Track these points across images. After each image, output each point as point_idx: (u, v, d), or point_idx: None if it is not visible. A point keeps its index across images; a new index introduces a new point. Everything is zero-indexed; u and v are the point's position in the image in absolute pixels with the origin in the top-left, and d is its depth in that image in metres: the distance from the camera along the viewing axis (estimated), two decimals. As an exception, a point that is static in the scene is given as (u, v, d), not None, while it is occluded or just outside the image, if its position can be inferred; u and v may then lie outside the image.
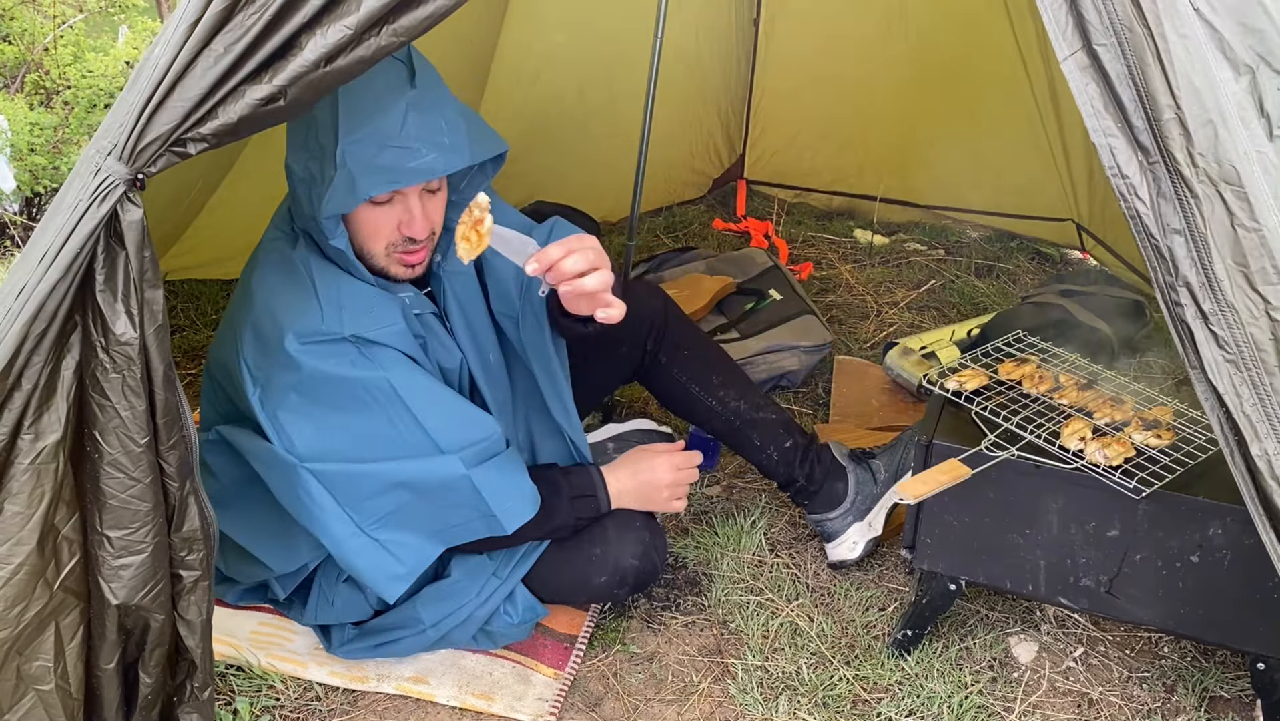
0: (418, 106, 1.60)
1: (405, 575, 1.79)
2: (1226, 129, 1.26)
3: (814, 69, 3.81)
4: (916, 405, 2.82)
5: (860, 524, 2.21)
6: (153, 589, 1.45)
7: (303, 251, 1.76)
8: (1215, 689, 1.98)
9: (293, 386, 1.70)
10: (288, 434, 1.71)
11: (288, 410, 1.71)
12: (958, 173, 3.81)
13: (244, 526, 1.87)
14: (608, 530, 1.97)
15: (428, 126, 1.61)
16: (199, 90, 1.27)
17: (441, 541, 1.82)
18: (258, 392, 1.71)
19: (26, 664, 1.42)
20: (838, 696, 1.93)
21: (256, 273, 1.76)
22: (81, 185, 1.30)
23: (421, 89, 1.62)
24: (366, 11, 1.27)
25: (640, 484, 1.99)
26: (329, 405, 1.71)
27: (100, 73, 4.00)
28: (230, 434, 1.81)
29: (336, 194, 1.60)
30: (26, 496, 1.35)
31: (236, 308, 1.78)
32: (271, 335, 1.69)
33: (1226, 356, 1.30)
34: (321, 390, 1.70)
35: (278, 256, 1.76)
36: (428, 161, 1.61)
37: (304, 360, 1.67)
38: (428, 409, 1.73)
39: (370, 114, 1.58)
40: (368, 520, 1.74)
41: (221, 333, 1.83)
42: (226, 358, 1.77)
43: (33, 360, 1.32)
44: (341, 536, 1.74)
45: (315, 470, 1.71)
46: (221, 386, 1.85)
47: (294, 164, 1.68)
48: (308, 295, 1.70)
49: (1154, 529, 1.77)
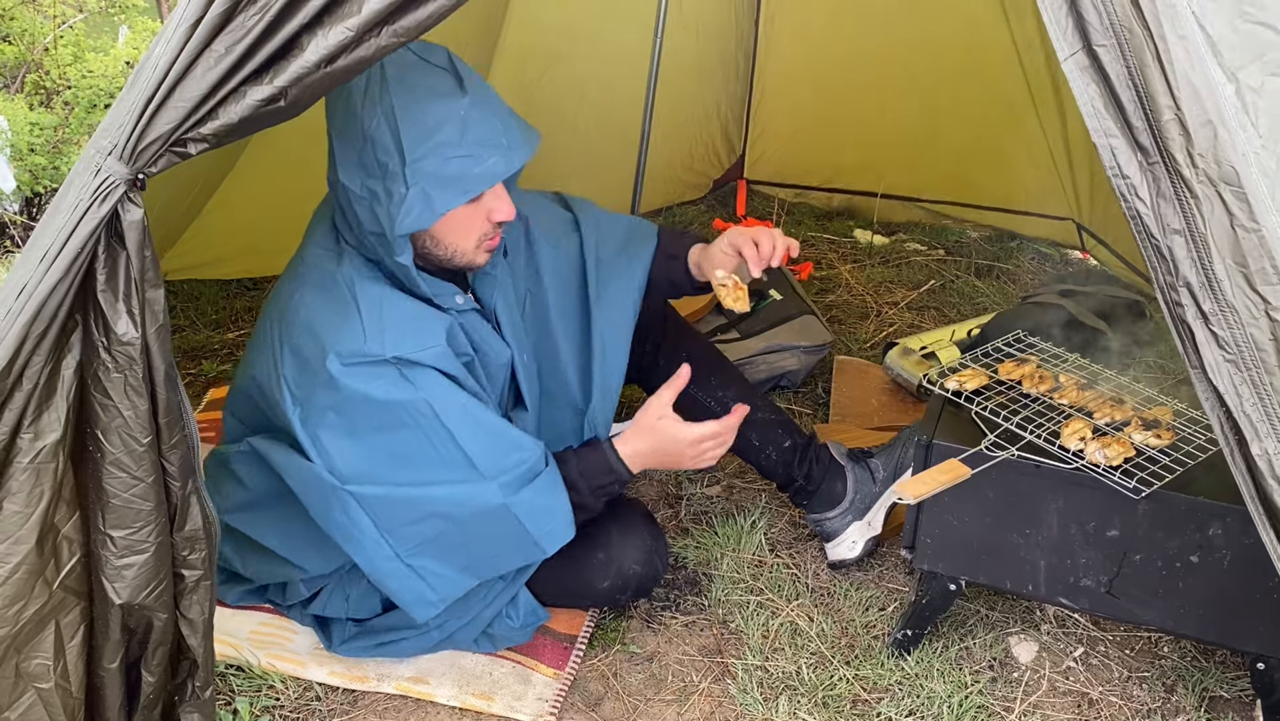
0: (473, 112, 1.63)
1: (437, 602, 1.79)
2: (1226, 130, 1.26)
3: (814, 69, 3.81)
4: (916, 405, 2.83)
5: (860, 523, 2.21)
6: (155, 588, 1.46)
7: (347, 270, 1.74)
8: (1215, 689, 1.98)
9: (332, 407, 1.69)
10: (328, 453, 1.70)
11: (328, 429, 1.70)
12: (958, 171, 3.82)
13: (275, 531, 1.88)
14: (611, 535, 1.97)
15: (486, 130, 1.64)
16: (200, 90, 1.27)
17: (475, 575, 1.81)
18: (298, 412, 1.70)
19: (25, 662, 1.42)
20: (838, 696, 1.93)
21: (298, 292, 1.74)
22: (82, 185, 1.30)
23: (472, 94, 1.64)
24: (368, 12, 1.27)
25: (661, 453, 1.89)
26: (369, 426, 1.70)
27: (100, 73, 4.00)
28: (264, 447, 1.80)
29: (411, 212, 1.62)
30: (25, 495, 1.36)
31: (272, 324, 1.77)
32: (313, 355, 1.69)
33: (1227, 356, 1.31)
34: (362, 411, 1.69)
35: (321, 275, 1.74)
36: (492, 165, 1.65)
37: (345, 381, 1.66)
38: (467, 432, 1.72)
39: (430, 128, 1.60)
40: (404, 546, 1.74)
41: (256, 349, 1.80)
42: (262, 375, 1.76)
43: (33, 360, 1.32)
44: (377, 560, 1.74)
45: (355, 492, 1.70)
46: (254, 401, 1.84)
47: (349, 183, 1.66)
48: (351, 316, 1.70)
49: (1154, 529, 1.77)
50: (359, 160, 1.64)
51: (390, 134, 1.60)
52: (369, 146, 1.62)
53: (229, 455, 1.88)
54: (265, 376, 1.75)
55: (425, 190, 1.61)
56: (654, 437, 1.87)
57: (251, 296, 3.28)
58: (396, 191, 1.62)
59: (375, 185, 1.64)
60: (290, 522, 1.85)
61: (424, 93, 1.60)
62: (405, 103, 1.59)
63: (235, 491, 1.89)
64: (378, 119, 1.60)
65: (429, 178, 1.61)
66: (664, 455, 1.89)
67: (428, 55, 1.67)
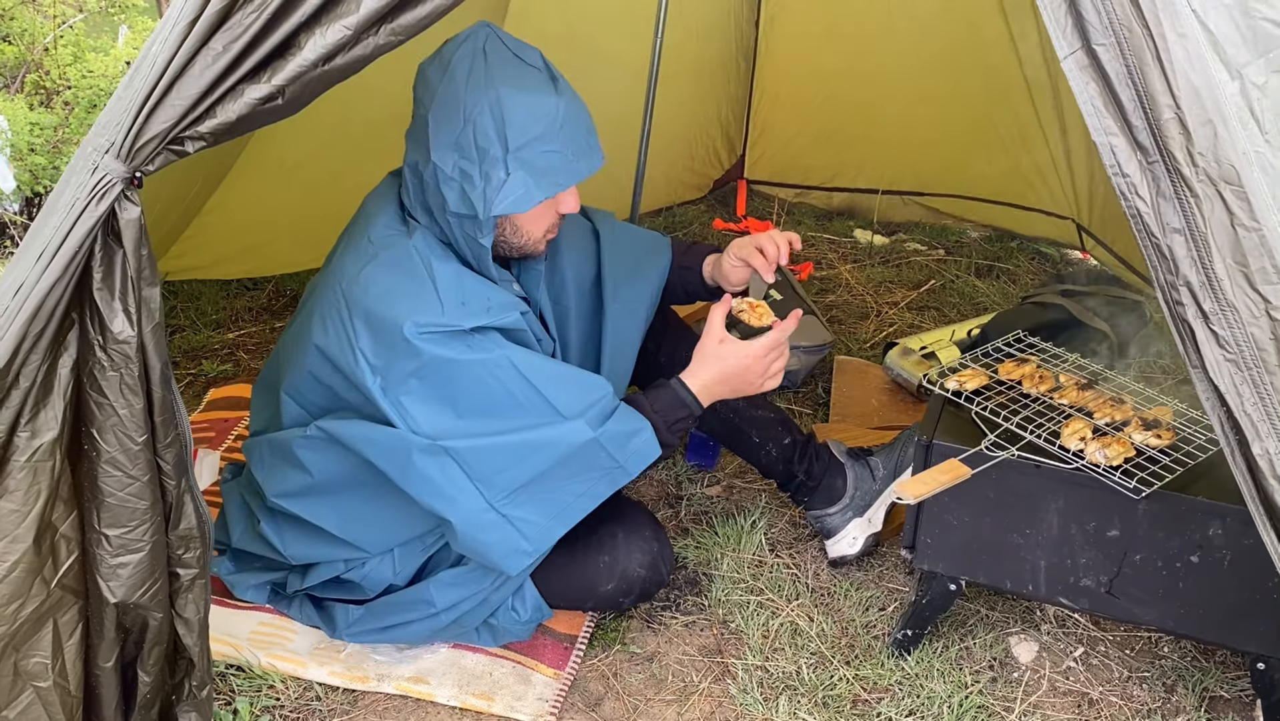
0: (567, 112, 1.73)
1: (530, 552, 1.82)
2: (1226, 128, 1.26)
3: (814, 69, 3.81)
4: (916, 405, 2.82)
5: (860, 519, 2.22)
6: (150, 587, 1.45)
7: (421, 246, 1.79)
8: (1215, 689, 1.98)
9: (413, 374, 1.74)
10: (414, 417, 1.74)
11: (409, 395, 1.74)
12: (958, 170, 3.82)
13: (336, 514, 1.90)
14: (616, 538, 1.97)
15: (575, 130, 1.75)
16: (197, 89, 1.27)
17: (564, 521, 1.84)
18: (378, 381, 1.74)
19: (24, 660, 1.42)
20: (838, 696, 1.93)
21: (368, 268, 1.78)
22: (79, 183, 1.30)
23: (563, 95, 1.74)
24: (366, 11, 1.27)
25: (727, 377, 1.90)
26: (452, 387, 1.75)
27: (100, 73, 4.00)
28: (334, 427, 1.82)
29: (509, 197, 1.71)
30: (23, 494, 1.35)
31: (338, 300, 1.80)
32: (390, 326, 1.73)
33: (1227, 355, 1.30)
34: (443, 373, 1.74)
35: (394, 253, 1.79)
36: (580, 164, 1.76)
37: (424, 346, 1.72)
38: (547, 380, 1.78)
39: (529, 121, 1.70)
40: (498, 495, 1.77)
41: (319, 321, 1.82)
42: (334, 350, 1.79)
43: (30, 358, 1.32)
44: (473, 511, 1.77)
45: (448, 446, 1.74)
46: (317, 379, 1.85)
47: (441, 162, 1.72)
48: (427, 289, 1.75)
49: (1154, 529, 1.76)
50: (455, 142, 1.71)
51: (494, 121, 1.68)
52: (469, 129, 1.69)
53: (290, 440, 1.88)
54: (338, 351, 1.78)
55: (528, 179, 1.71)
56: (720, 364, 1.90)
57: (251, 296, 3.28)
58: (495, 175, 1.70)
59: (470, 168, 1.71)
60: (355, 505, 1.88)
61: (526, 88, 1.70)
62: (510, 93, 1.68)
63: (296, 477, 1.89)
64: (483, 106, 1.68)
65: (532, 169, 1.71)
66: (733, 379, 1.91)
67: (523, 54, 1.76)
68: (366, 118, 2.92)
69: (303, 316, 1.89)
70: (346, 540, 1.91)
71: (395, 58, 1.46)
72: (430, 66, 1.77)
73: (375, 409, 1.76)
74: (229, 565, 2.08)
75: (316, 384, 1.86)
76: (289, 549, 1.96)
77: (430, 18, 1.31)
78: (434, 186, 1.75)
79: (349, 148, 2.99)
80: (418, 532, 1.91)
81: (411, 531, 1.91)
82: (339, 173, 3.05)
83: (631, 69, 3.30)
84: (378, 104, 2.87)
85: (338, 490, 1.88)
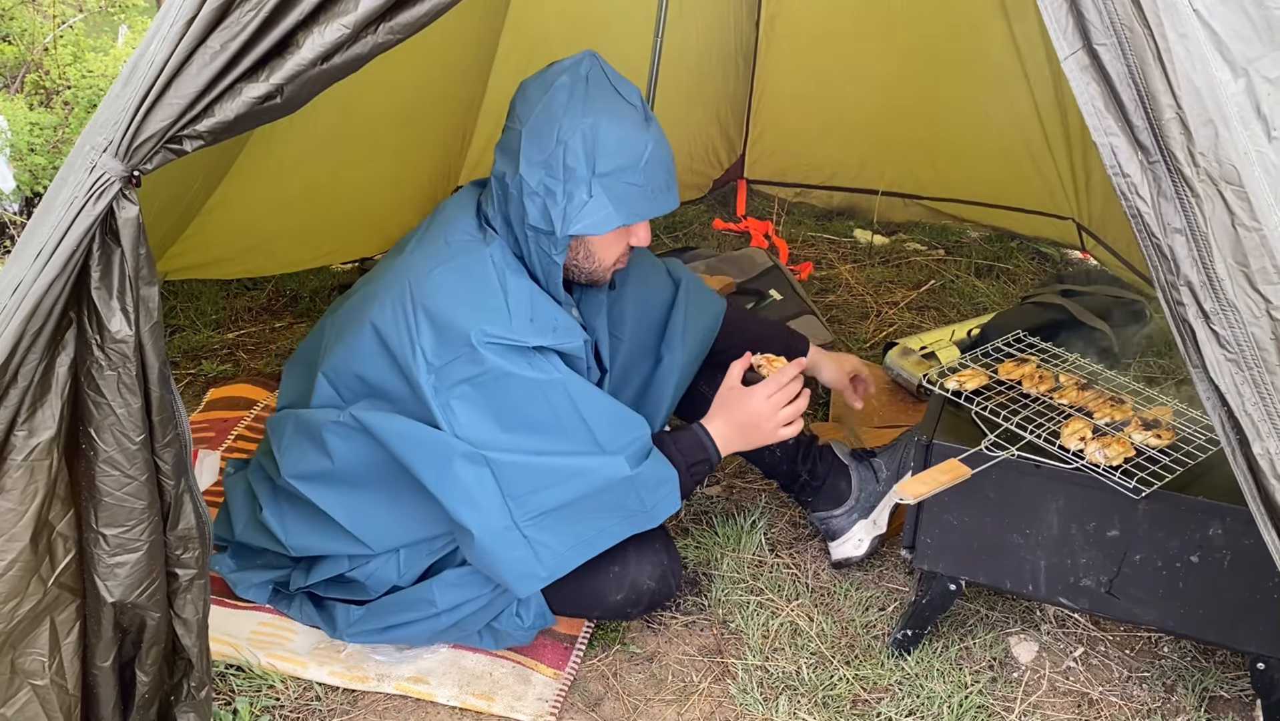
0: (653, 150, 1.78)
1: (544, 577, 1.84)
2: (1227, 128, 1.26)
3: (814, 68, 3.81)
4: (917, 405, 2.82)
5: (865, 521, 2.22)
6: (148, 587, 1.45)
7: (497, 257, 1.83)
8: (1215, 689, 1.98)
9: (468, 379, 1.76)
10: (460, 421, 1.77)
11: (460, 399, 1.77)
12: (958, 169, 3.81)
13: (346, 505, 1.90)
14: (627, 549, 1.96)
15: (659, 168, 1.80)
16: (195, 87, 1.27)
17: (582, 553, 1.86)
18: (431, 380, 1.77)
19: (21, 658, 1.42)
20: (838, 696, 1.93)
21: (440, 268, 1.81)
22: (76, 182, 1.29)
23: (652, 130, 1.79)
24: (364, 9, 1.27)
25: (740, 425, 1.98)
26: (505, 400, 1.78)
27: (100, 73, 4.00)
28: (369, 419, 1.83)
29: (588, 218, 1.76)
30: (19, 493, 1.35)
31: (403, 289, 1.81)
32: (455, 329, 1.76)
33: (1228, 355, 1.30)
34: (499, 386, 1.77)
35: (470, 259, 1.83)
36: (659, 201, 1.81)
37: (487, 355, 1.75)
38: (595, 412, 1.82)
39: (618, 151, 1.75)
40: (525, 515, 1.79)
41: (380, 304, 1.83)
42: (391, 334, 1.80)
43: (28, 357, 1.32)
44: (497, 526, 1.78)
45: (490, 457, 1.77)
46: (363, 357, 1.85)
47: (528, 176, 1.76)
48: (497, 300, 1.79)
49: (1154, 529, 1.76)
50: (545, 160, 1.75)
51: (584, 145, 1.73)
52: (560, 150, 1.74)
53: (321, 422, 1.88)
54: (395, 338, 1.80)
55: (609, 204, 1.75)
56: (728, 410, 1.98)
57: (251, 296, 3.28)
58: (578, 195, 1.75)
59: (555, 185, 1.75)
60: (369, 499, 1.89)
61: (619, 119, 1.76)
62: (604, 123, 1.74)
63: (316, 459, 1.90)
64: (577, 130, 1.73)
65: (614, 196, 1.75)
66: (747, 428, 1.97)
67: (622, 89, 1.81)
68: (366, 118, 2.92)
69: (357, 299, 1.91)
70: (352, 533, 1.91)
71: (395, 57, 1.47)
72: (532, 84, 1.81)
73: (420, 405, 1.78)
74: (230, 563, 2.08)
75: (362, 363, 1.86)
76: (291, 538, 1.96)
77: (428, 16, 1.30)
78: (517, 198, 1.79)
79: (348, 147, 2.99)
80: (426, 535, 1.91)
81: (420, 533, 1.91)
82: (339, 172, 3.05)
83: (631, 69, 3.30)
84: (377, 103, 2.87)
85: (355, 481, 1.89)
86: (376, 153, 3.05)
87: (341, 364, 1.89)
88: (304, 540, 1.96)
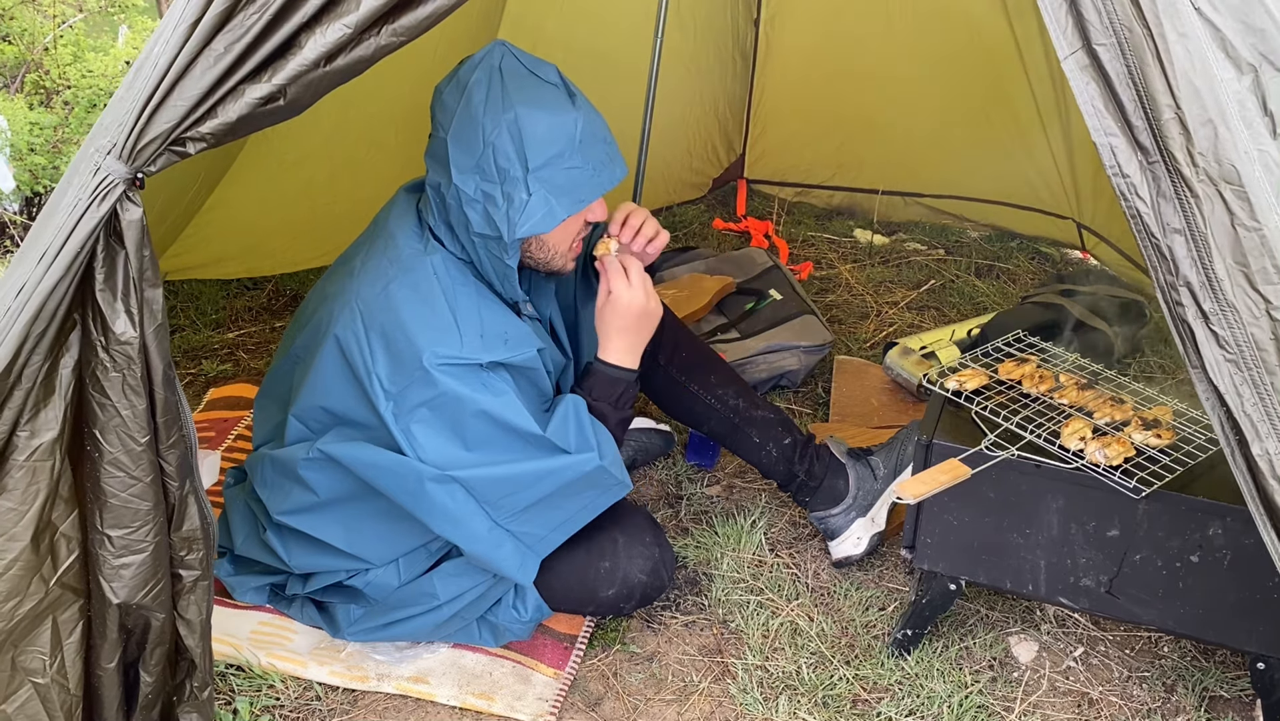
0: (585, 127, 1.73)
1: (539, 555, 1.87)
2: (1227, 128, 1.26)
3: (814, 68, 3.81)
4: (916, 405, 2.82)
5: (863, 519, 2.22)
6: (153, 588, 1.46)
7: (441, 270, 1.80)
8: (1215, 689, 1.98)
9: (425, 403, 1.75)
10: (423, 446, 1.75)
11: (420, 424, 1.76)
12: (958, 169, 3.81)
13: (341, 529, 1.90)
14: (618, 544, 1.97)
15: (595, 144, 1.75)
16: (199, 89, 1.27)
17: (565, 532, 1.89)
18: (390, 406, 1.75)
19: (21, 656, 1.42)
20: (838, 696, 1.93)
21: (391, 285, 1.78)
22: (80, 184, 1.30)
23: (581, 109, 1.74)
24: (366, 10, 1.27)
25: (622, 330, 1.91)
26: (463, 419, 1.76)
27: (100, 73, 3.99)
28: (338, 451, 1.82)
29: (532, 218, 1.71)
30: (21, 492, 1.36)
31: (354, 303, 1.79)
32: (407, 353, 1.74)
33: (1227, 356, 1.30)
34: (455, 407, 1.75)
35: (416, 276, 1.80)
36: (601, 178, 1.77)
37: (441, 378, 1.73)
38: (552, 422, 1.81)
39: (548, 139, 1.70)
40: (505, 515, 1.81)
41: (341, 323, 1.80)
42: (348, 357, 1.79)
43: (32, 359, 1.32)
44: (480, 532, 1.80)
45: (458, 476, 1.76)
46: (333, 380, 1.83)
47: (463, 185, 1.72)
48: (445, 319, 1.77)
49: (1154, 529, 1.77)
50: (476, 165, 1.71)
51: (513, 142, 1.68)
52: (489, 152, 1.69)
53: (295, 462, 1.87)
54: (353, 364, 1.78)
55: (549, 199, 1.71)
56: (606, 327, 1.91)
57: (251, 296, 3.28)
58: (517, 197, 1.71)
59: (492, 189, 1.71)
60: (359, 521, 1.89)
61: (542, 105, 1.70)
62: (527, 112, 1.68)
63: (300, 495, 1.90)
64: (501, 128, 1.68)
65: (552, 188, 1.71)
66: (627, 329, 1.91)
67: (539, 71, 1.75)
68: (366, 117, 2.92)
69: (314, 326, 1.89)
70: (352, 554, 1.92)
71: (397, 60, 1.47)
72: (446, 89, 1.76)
73: (384, 431, 1.77)
74: (229, 567, 2.08)
75: (326, 395, 1.84)
76: (293, 558, 1.96)
77: (432, 19, 1.30)
78: (457, 208, 1.76)
79: (349, 147, 2.99)
80: (423, 540, 1.92)
81: (416, 541, 1.92)
82: (339, 172, 3.06)
83: (630, 68, 3.30)
84: (378, 103, 2.87)
85: (343, 506, 1.89)
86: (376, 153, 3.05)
87: (306, 399, 1.88)
88: (306, 560, 1.96)
